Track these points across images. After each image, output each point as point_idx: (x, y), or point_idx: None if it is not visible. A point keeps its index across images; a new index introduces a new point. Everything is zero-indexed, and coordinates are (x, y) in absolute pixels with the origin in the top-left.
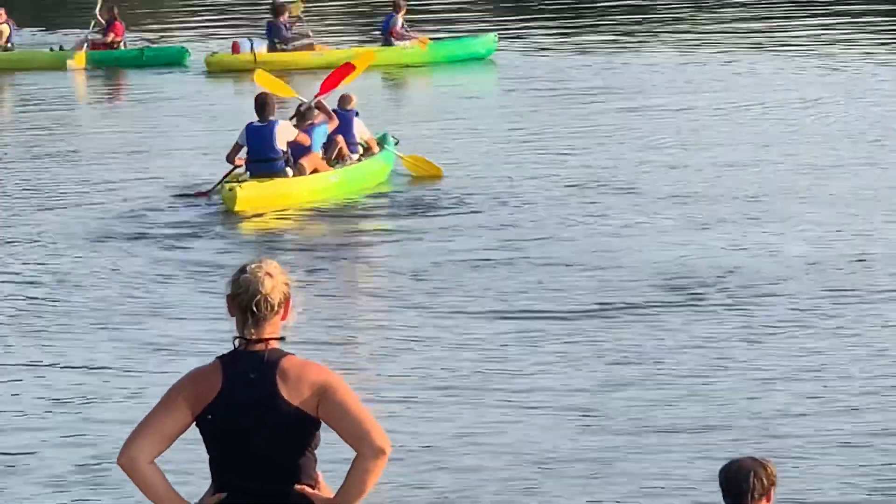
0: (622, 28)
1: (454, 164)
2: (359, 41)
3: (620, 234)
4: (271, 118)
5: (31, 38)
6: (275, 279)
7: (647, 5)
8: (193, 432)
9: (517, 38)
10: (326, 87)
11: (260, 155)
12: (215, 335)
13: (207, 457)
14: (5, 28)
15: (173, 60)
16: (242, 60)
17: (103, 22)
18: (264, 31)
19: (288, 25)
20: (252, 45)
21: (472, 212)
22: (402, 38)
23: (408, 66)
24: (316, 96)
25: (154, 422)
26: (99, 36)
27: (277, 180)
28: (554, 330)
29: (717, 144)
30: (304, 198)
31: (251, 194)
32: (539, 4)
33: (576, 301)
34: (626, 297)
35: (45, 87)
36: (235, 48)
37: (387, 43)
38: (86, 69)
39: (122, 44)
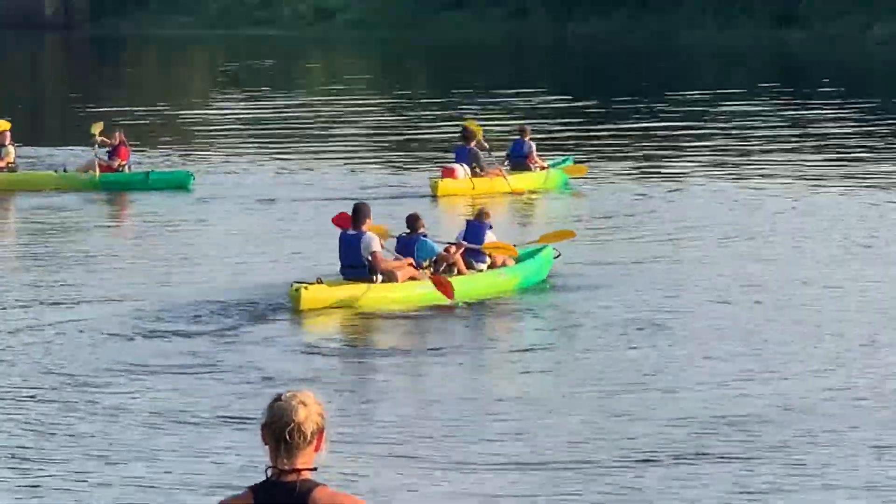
0: (688, 155)
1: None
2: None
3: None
4: (362, 228)
5: (33, 158)
6: (309, 409)
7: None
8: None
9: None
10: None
11: (348, 261)
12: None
13: None
14: (11, 149)
15: (179, 184)
16: (465, 185)
17: (107, 142)
18: (454, 156)
19: (485, 150)
20: (465, 170)
21: (529, 347)
22: (535, 163)
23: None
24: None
25: None
26: (104, 158)
27: (349, 284)
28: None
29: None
30: (381, 304)
31: (317, 296)
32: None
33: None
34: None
35: (52, 208)
36: (451, 174)
37: (520, 168)
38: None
39: (127, 167)
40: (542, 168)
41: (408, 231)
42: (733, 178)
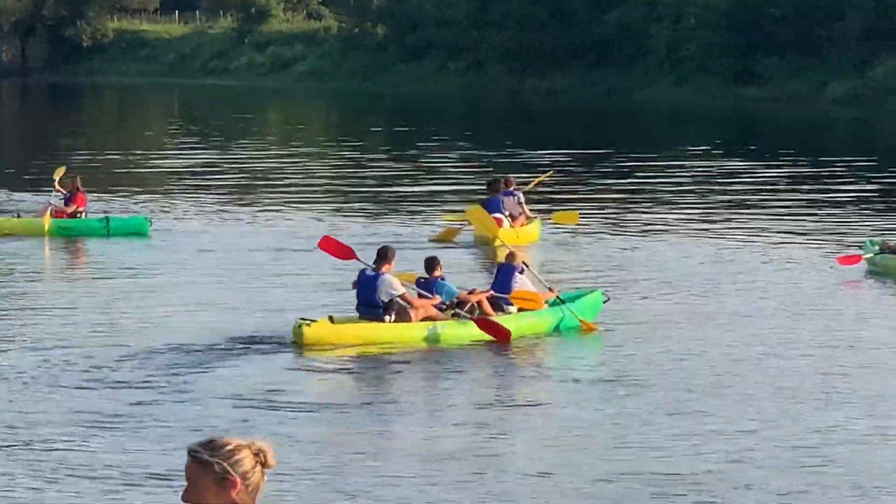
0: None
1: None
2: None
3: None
4: (381, 271)
5: None
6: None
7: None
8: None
9: None
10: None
11: (363, 300)
12: None
13: None
14: None
15: (137, 230)
16: (512, 234)
17: (64, 192)
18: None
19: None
20: (507, 220)
21: (502, 399)
22: (524, 213)
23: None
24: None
25: None
26: (61, 204)
27: (356, 323)
28: None
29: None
30: (391, 344)
31: (320, 333)
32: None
33: None
34: None
35: (6, 254)
36: (499, 223)
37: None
38: (48, 236)
39: (83, 213)
40: (529, 218)
41: (426, 275)
42: (694, 234)
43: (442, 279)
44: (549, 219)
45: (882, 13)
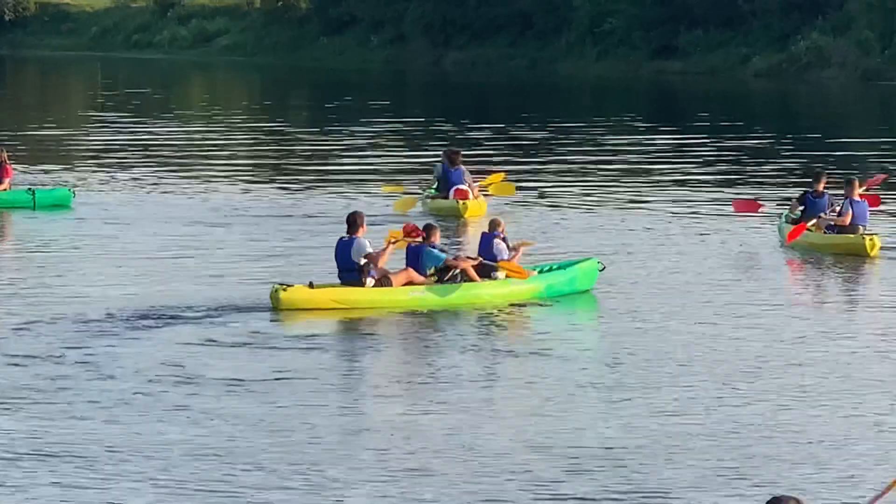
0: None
1: None
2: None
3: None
4: (355, 235)
5: None
6: None
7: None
8: None
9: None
10: None
11: (341, 265)
12: None
13: None
14: None
15: (61, 202)
16: (481, 206)
17: None
18: (449, 179)
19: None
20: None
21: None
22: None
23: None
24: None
25: None
26: None
27: (331, 288)
28: None
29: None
30: (367, 308)
31: (295, 297)
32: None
33: None
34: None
35: None
36: (465, 195)
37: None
38: None
39: (9, 186)
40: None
41: (420, 239)
42: (614, 206)
43: (432, 246)
44: (486, 191)
45: None
